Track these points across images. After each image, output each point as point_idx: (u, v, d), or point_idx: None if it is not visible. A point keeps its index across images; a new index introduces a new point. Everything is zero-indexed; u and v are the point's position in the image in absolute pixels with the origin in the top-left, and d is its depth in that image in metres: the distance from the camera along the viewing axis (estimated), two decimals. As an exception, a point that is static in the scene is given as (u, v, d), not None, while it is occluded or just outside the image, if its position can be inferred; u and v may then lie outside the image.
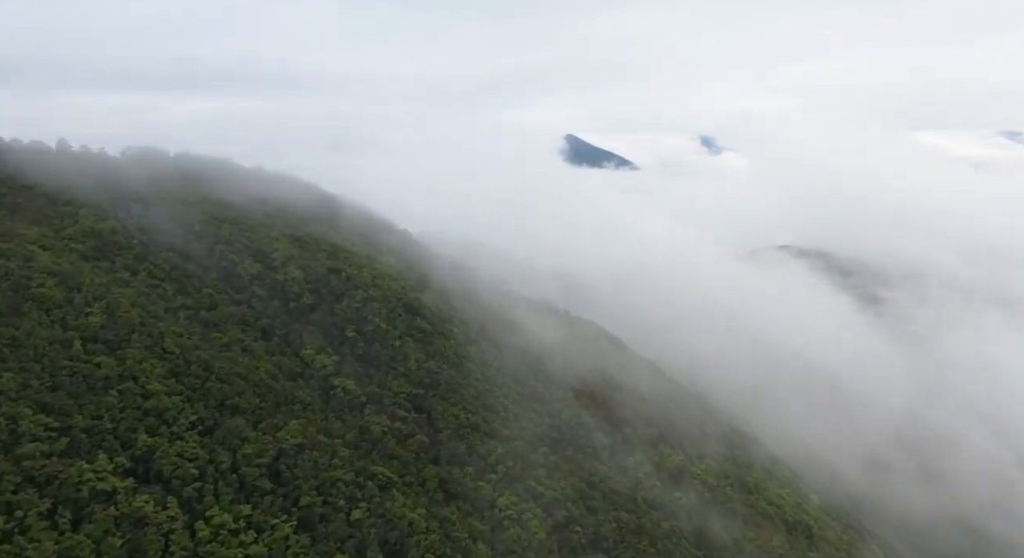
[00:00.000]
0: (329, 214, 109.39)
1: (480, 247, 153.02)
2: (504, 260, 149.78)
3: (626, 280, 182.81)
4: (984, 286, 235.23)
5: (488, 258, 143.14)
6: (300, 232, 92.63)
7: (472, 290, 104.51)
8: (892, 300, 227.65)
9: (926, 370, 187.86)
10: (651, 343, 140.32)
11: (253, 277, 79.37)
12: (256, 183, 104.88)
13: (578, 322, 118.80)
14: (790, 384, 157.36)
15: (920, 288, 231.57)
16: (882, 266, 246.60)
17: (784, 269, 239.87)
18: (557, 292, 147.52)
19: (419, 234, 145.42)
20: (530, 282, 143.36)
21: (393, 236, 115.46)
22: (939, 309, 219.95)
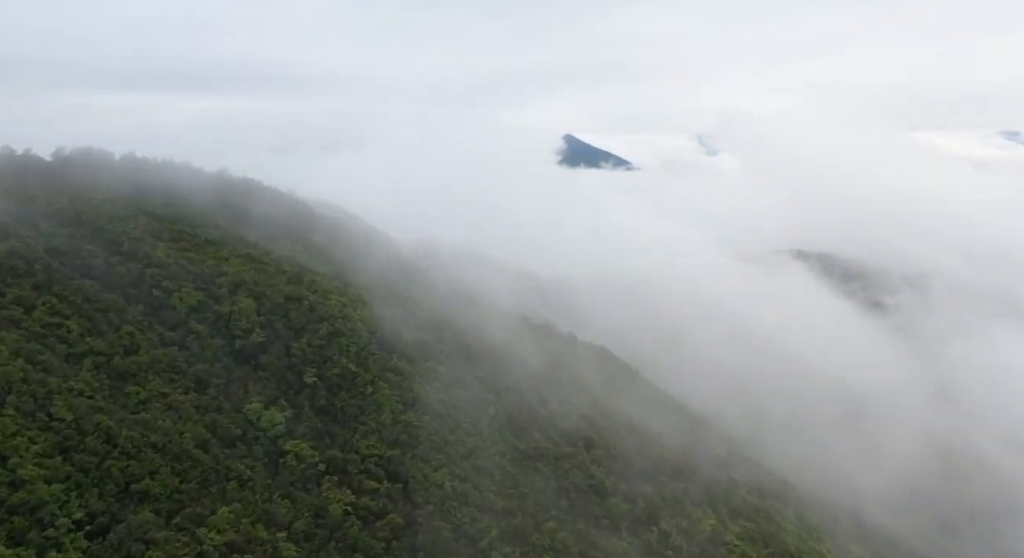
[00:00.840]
0: (300, 226, 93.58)
1: (473, 255, 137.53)
2: (498, 270, 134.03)
3: (624, 288, 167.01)
4: (990, 291, 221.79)
5: (482, 268, 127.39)
6: (257, 251, 76.68)
7: (465, 313, 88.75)
8: (897, 306, 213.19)
9: (940, 380, 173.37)
10: (652, 355, 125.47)
11: (191, 309, 63.50)
12: (213, 193, 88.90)
13: (582, 346, 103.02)
14: (799, 397, 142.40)
15: (925, 293, 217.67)
16: (884, 269, 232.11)
17: (787, 274, 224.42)
18: (555, 305, 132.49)
19: (408, 242, 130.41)
20: (526, 295, 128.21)
21: (376, 251, 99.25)
22: (946, 316, 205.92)
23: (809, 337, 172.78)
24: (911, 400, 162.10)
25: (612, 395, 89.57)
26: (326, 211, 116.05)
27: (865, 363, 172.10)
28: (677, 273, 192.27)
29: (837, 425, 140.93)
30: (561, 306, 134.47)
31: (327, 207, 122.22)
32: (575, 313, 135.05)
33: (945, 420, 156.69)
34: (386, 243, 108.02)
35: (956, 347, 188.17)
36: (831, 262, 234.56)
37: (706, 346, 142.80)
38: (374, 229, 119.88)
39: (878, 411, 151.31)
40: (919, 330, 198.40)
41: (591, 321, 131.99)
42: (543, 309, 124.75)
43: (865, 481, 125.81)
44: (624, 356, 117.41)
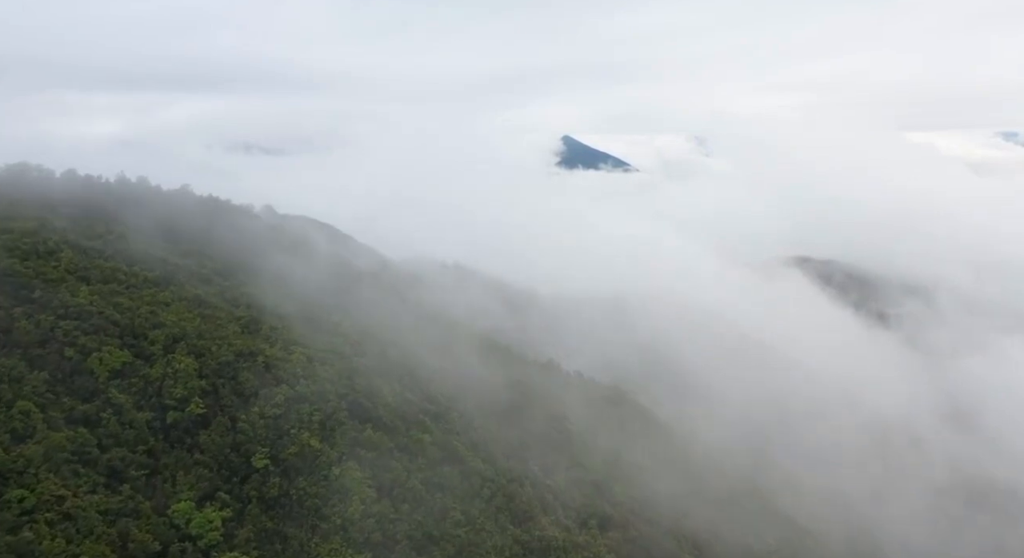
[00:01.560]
0: (269, 253, 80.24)
1: (465, 276, 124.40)
2: (490, 291, 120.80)
3: (617, 302, 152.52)
4: (995, 301, 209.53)
5: (473, 291, 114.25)
6: (208, 290, 63.51)
7: (460, 359, 75.77)
8: (902, 317, 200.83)
9: (954, 400, 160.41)
10: (647, 376, 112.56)
11: (113, 374, 50.43)
12: (168, 217, 75.57)
13: (590, 387, 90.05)
14: (808, 423, 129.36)
15: (930, 303, 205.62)
16: (886, 277, 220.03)
17: (789, 284, 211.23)
18: (545, 325, 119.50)
19: (395, 264, 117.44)
20: (518, 317, 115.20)
21: (358, 282, 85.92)
22: (954, 328, 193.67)
23: (816, 353, 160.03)
24: (927, 423, 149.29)
25: (627, 448, 76.66)
26: (305, 229, 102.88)
27: (876, 380, 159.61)
28: (674, 285, 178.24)
29: (852, 454, 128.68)
30: (553, 326, 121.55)
31: (307, 224, 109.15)
32: (568, 333, 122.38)
33: (965, 446, 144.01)
34: (371, 268, 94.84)
35: (967, 363, 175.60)
36: (831, 269, 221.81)
37: (705, 364, 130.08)
38: (358, 248, 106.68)
39: (893, 436, 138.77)
40: (927, 344, 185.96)
41: (583, 341, 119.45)
42: (537, 333, 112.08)
43: (892, 527, 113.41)
44: (619, 377, 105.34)
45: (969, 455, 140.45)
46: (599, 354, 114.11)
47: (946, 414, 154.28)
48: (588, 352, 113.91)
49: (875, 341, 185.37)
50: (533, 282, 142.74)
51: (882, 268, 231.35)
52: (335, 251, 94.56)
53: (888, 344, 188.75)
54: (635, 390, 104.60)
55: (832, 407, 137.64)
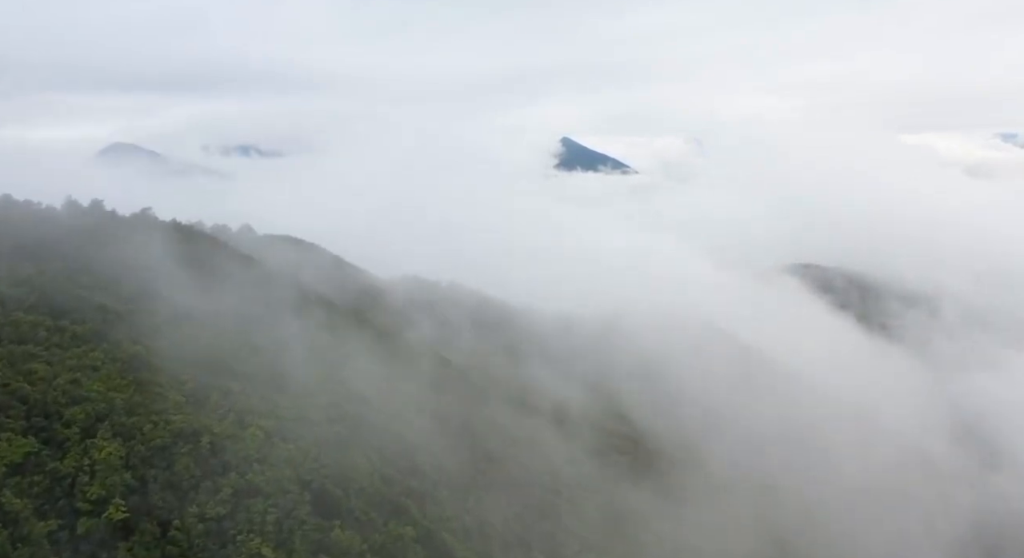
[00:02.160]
0: (234, 288, 69.32)
1: (461, 294, 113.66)
2: (489, 313, 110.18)
3: (620, 320, 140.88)
4: (999, 313, 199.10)
5: (472, 316, 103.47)
6: (149, 347, 52.58)
7: (452, 409, 65.04)
8: (905, 328, 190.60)
9: (966, 419, 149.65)
10: (654, 401, 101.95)
11: (12, 469, 39.62)
12: (118, 252, 64.43)
13: (602, 436, 79.41)
14: (816, 449, 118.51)
15: (933, 314, 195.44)
16: (887, 285, 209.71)
17: (790, 293, 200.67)
18: (552, 346, 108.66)
19: (385, 283, 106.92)
20: (521, 341, 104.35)
21: (340, 322, 74.92)
22: (959, 341, 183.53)
23: (822, 368, 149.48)
24: (940, 446, 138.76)
25: (646, 518, 66.04)
26: (284, 254, 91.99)
27: (885, 398, 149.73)
28: (672, 299, 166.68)
29: (866, 483, 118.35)
30: (548, 347, 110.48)
31: (288, 246, 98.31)
32: (564, 355, 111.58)
33: (983, 472, 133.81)
34: (356, 301, 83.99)
35: (976, 378, 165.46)
36: (831, 276, 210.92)
37: (708, 385, 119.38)
38: (344, 275, 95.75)
39: (907, 459, 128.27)
40: (933, 357, 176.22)
41: (578, 363, 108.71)
42: (535, 360, 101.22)
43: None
44: (617, 405, 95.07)
45: (987, 484, 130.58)
46: (596, 377, 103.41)
47: (960, 436, 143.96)
48: (585, 373, 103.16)
49: (881, 355, 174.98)
50: (528, 298, 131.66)
51: (883, 276, 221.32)
52: (317, 280, 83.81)
53: (894, 358, 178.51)
54: (636, 418, 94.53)
55: (843, 432, 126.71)
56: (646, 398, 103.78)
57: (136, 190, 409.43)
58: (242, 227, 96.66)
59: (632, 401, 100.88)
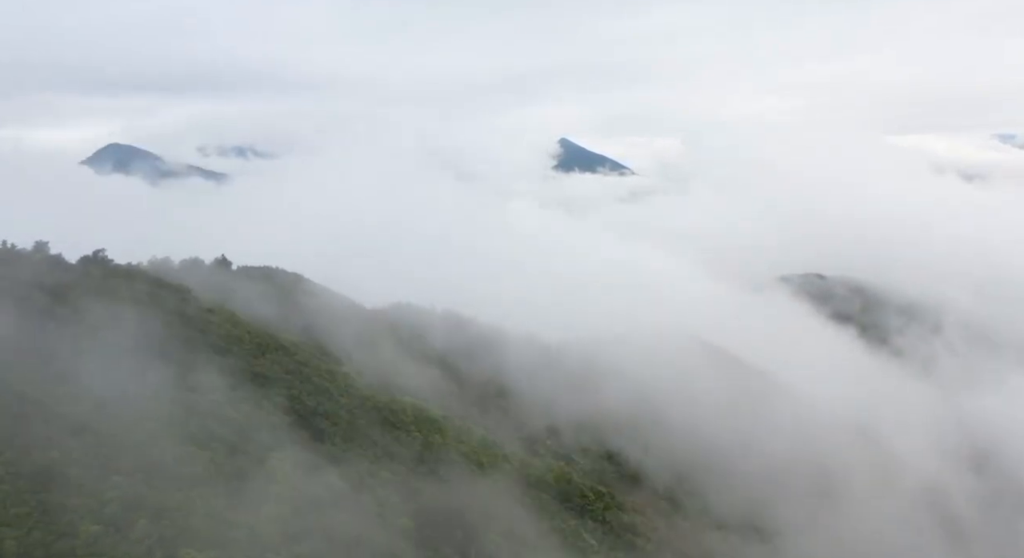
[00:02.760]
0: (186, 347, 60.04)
1: (458, 324, 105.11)
2: (494, 347, 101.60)
3: (621, 344, 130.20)
4: (1003, 328, 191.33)
5: (470, 351, 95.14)
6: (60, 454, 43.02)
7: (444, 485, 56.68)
8: (908, 345, 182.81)
9: (978, 445, 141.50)
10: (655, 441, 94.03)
11: None
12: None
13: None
14: (824, 483, 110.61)
15: (936, 328, 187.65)
16: (888, 297, 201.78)
17: (789, 307, 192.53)
18: (551, 377, 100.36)
19: (371, 312, 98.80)
20: (516, 373, 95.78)
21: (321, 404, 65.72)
22: (965, 359, 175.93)
23: (826, 389, 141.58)
24: (957, 478, 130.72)
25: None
26: (253, 288, 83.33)
27: (894, 420, 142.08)
28: (667, 316, 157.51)
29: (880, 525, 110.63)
30: (547, 377, 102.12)
31: (266, 282, 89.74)
32: (565, 387, 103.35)
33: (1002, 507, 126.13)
34: (340, 369, 75.53)
35: (985, 401, 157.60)
36: (830, 287, 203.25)
37: (703, 412, 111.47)
38: (332, 311, 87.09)
39: (924, 496, 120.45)
40: (939, 376, 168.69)
41: (575, 396, 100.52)
42: (533, 395, 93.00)
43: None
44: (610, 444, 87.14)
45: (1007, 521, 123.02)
46: (592, 410, 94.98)
47: (974, 464, 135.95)
48: (583, 404, 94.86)
49: (886, 374, 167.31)
50: (524, 322, 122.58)
51: (883, 286, 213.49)
52: (301, 326, 75.48)
53: (899, 377, 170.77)
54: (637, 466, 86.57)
55: (854, 461, 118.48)
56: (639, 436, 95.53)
57: (129, 194, 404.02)
58: (216, 261, 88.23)
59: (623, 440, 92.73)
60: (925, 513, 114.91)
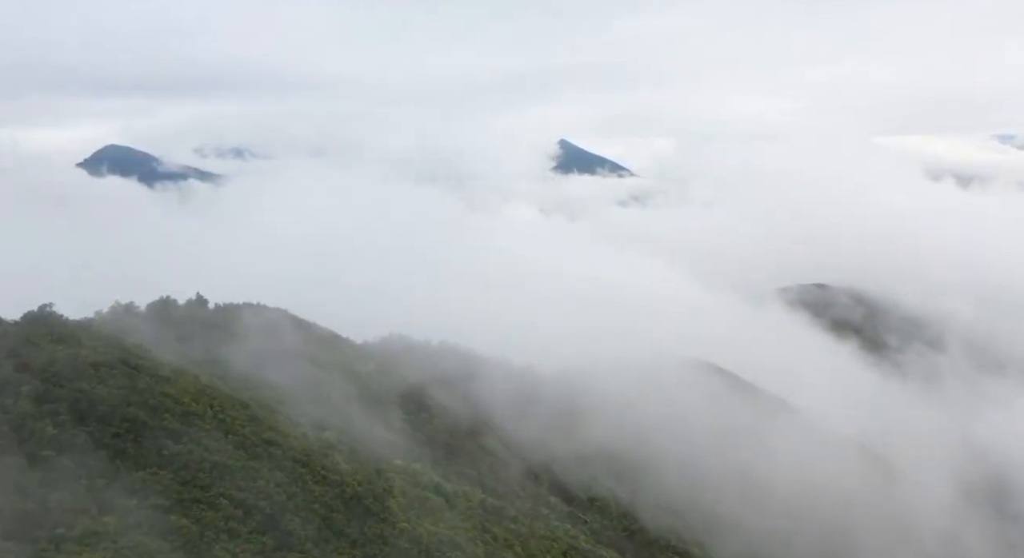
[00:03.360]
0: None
1: (456, 357, 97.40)
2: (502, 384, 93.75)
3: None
4: (1007, 344, 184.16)
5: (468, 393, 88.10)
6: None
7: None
8: (912, 363, 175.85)
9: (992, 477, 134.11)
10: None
11: None
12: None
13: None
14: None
15: (939, 343, 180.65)
16: (888, 310, 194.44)
17: (790, 322, 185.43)
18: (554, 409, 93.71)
19: (358, 347, 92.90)
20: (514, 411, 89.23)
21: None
22: (971, 378, 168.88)
23: (833, 410, 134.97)
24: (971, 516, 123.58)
25: None
26: (224, 332, 76.84)
27: (902, 445, 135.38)
28: (662, 333, 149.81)
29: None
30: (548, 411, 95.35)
31: (244, 314, 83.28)
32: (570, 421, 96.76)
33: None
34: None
35: (992, 419, 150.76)
36: (829, 299, 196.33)
37: (705, 441, 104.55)
38: (319, 353, 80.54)
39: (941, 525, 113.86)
40: (941, 393, 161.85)
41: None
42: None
43: None
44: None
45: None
46: (585, 447, 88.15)
47: (991, 499, 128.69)
48: (574, 441, 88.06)
49: (891, 394, 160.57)
50: (514, 347, 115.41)
51: (884, 297, 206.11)
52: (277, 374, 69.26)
53: (903, 395, 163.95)
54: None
55: (865, 501, 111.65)
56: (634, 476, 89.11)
57: (123, 196, 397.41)
58: (191, 301, 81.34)
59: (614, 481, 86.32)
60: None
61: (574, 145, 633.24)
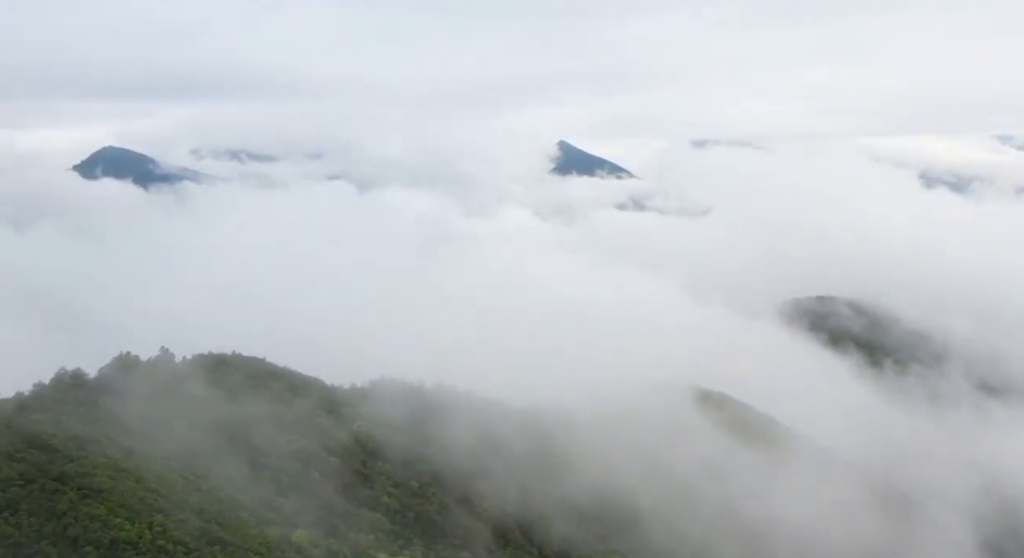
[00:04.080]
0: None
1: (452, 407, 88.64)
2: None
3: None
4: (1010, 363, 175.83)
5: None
6: None
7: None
8: (914, 386, 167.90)
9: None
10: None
11: None
12: None
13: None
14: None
15: (941, 362, 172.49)
16: (890, 326, 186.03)
17: (791, 339, 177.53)
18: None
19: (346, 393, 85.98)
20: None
21: None
22: (974, 396, 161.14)
23: (838, 434, 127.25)
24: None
25: None
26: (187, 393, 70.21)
27: (910, 472, 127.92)
28: (659, 355, 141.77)
29: None
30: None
31: (211, 369, 76.27)
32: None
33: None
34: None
35: (1001, 442, 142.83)
36: (826, 313, 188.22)
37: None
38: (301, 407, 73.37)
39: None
40: (950, 415, 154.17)
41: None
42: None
43: None
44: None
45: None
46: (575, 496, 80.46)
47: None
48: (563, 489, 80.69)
49: (896, 416, 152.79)
50: (499, 378, 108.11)
51: (885, 312, 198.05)
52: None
53: (908, 416, 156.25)
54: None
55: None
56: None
57: (116, 200, 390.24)
58: (155, 357, 74.23)
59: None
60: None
61: (573, 146, 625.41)
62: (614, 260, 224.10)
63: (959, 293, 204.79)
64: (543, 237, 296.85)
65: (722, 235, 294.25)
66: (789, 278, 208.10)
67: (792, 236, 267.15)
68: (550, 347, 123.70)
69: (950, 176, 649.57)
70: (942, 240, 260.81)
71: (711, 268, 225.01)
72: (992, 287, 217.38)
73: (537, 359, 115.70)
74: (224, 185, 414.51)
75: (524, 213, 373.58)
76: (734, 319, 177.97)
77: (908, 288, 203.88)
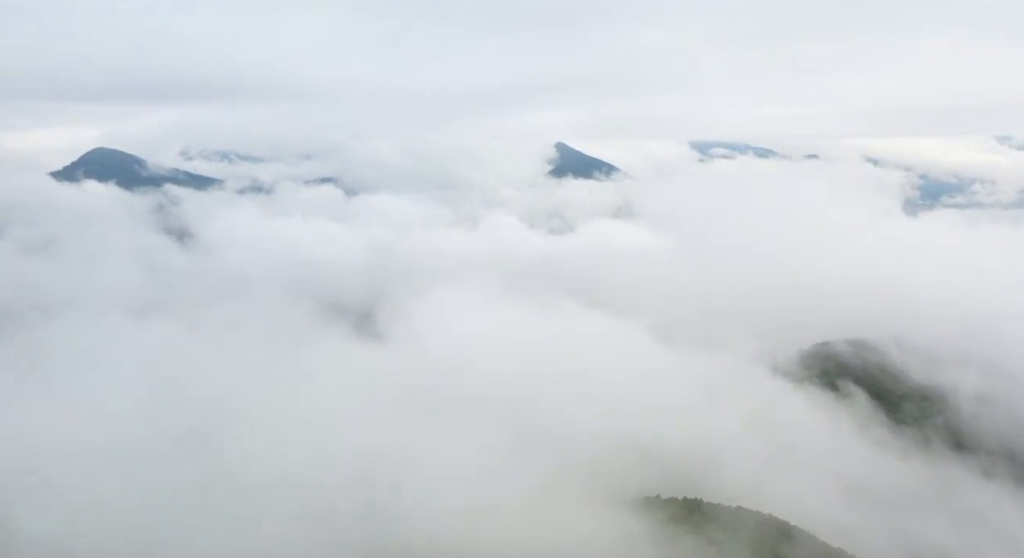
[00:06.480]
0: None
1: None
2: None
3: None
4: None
5: None
6: None
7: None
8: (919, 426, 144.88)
9: None
10: None
11: None
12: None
13: None
14: None
15: (951, 416, 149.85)
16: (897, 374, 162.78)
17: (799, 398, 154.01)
18: None
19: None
20: None
21: None
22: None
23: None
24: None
25: None
26: None
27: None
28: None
29: None
30: None
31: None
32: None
33: None
34: None
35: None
36: (829, 358, 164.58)
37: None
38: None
39: None
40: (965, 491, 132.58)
41: None
42: None
43: None
44: None
45: None
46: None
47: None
48: None
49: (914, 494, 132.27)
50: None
51: (891, 357, 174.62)
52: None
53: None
54: None
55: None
56: None
57: (98, 205, 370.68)
58: None
59: None
60: None
61: (571, 148, 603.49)
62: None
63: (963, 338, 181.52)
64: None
65: (713, 265, 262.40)
66: (785, 321, 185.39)
67: (786, 272, 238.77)
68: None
69: (950, 177, 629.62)
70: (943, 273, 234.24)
71: (694, 305, 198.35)
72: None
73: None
74: (206, 194, 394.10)
75: (511, 220, 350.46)
76: (734, 372, 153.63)
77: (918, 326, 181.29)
